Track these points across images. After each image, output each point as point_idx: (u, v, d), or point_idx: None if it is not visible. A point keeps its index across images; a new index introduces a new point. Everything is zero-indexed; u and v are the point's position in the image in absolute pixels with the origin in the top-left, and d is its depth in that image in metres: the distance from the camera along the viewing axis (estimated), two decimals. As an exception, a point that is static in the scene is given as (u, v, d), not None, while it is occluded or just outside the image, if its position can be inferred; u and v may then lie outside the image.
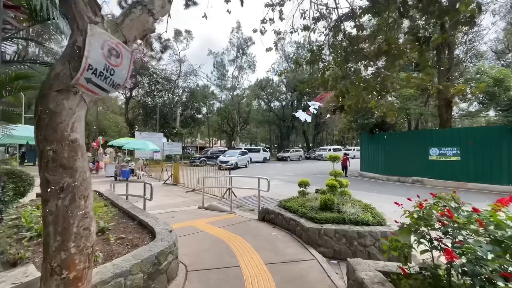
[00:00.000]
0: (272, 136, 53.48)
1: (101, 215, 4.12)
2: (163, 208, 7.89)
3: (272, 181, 14.59)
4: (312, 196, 5.72)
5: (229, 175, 8.04)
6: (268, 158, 32.10)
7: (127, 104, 28.77)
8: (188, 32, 29.56)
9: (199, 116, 37.20)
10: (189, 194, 10.28)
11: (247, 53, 36.43)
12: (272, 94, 41.62)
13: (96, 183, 13.02)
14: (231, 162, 20.91)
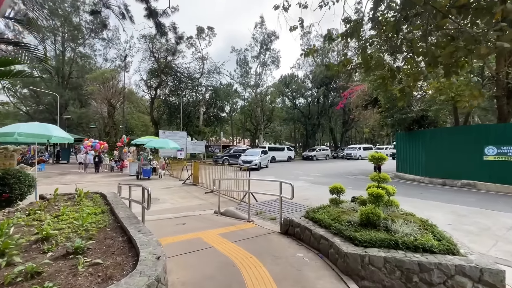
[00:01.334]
0: (297, 134, 51.90)
1: (89, 227, 3.42)
2: (178, 212, 7.23)
3: (297, 182, 13.52)
4: (347, 206, 4.60)
5: (248, 177, 7.14)
6: (292, 157, 30.87)
7: (152, 103, 29.28)
8: (210, 28, 29.30)
9: (222, 115, 36.96)
10: (207, 195, 9.59)
11: (271, 48, 35.37)
12: (297, 91, 40.13)
13: (117, 182, 12.93)
14: (255, 162, 19.40)
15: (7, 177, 4.43)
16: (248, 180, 6.12)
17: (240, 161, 19.81)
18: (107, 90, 22.51)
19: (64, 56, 31.97)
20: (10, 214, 4.06)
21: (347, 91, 20.24)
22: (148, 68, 27.86)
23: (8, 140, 7.81)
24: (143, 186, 3.98)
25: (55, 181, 12.96)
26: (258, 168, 19.02)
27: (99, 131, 24.60)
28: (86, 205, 4.62)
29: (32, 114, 32.64)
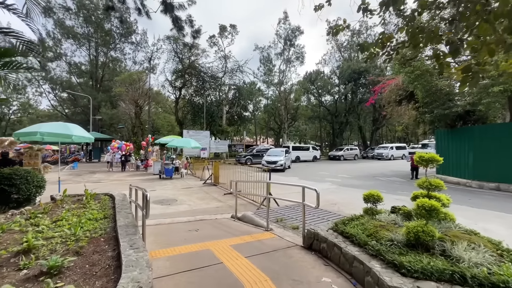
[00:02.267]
0: (323, 133, 50.06)
1: (82, 236, 3.02)
2: (194, 215, 6.81)
3: (323, 184, 12.55)
4: (386, 218, 3.76)
5: (268, 180, 6.49)
6: (318, 157, 29.59)
7: (177, 103, 29.85)
8: (233, 26, 29.05)
9: (245, 114, 36.65)
10: (226, 197, 9.11)
11: (295, 44, 34.23)
12: (323, 88, 38.53)
13: (139, 181, 13.05)
14: (280, 162, 17.87)
15: (14, 177, 4.25)
16: (267, 183, 5.45)
17: (263, 162, 18.43)
18: (134, 92, 23.27)
19: (98, 60, 33.87)
20: (13, 217, 3.84)
21: (378, 85, 18.65)
22: (173, 69, 28.52)
23: (35, 139, 8.00)
24: (143, 191, 3.51)
25: (83, 180, 13.39)
26: (283, 169, 17.80)
27: (128, 131, 25.61)
28: (91, 209, 4.31)
29: (70, 116, 35.06)
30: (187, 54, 27.20)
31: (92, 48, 32.97)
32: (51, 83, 32.18)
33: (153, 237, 4.74)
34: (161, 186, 11.60)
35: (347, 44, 39.67)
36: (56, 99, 33.73)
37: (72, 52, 32.86)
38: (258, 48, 35.76)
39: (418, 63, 12.76)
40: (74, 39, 31.61)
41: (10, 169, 4.41)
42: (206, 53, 28.30)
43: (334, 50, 41.21)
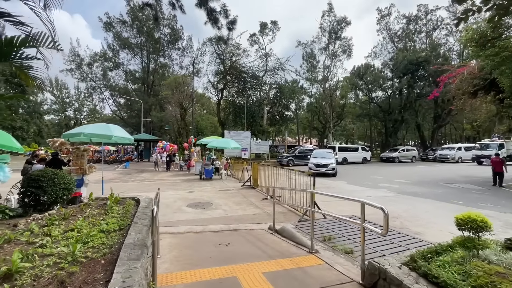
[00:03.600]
0: (373, 132, 45.86)
1: (80, 256, 2.48)
2: (227, 222, 6.15)
3: (378, 191, 10.80)
4: (501, 258, 2.43)
5: (312, 185, 5.44)
6: (368, 158, 26.88)
7: (219, 104, 30.29)
8: (274, 23, 28.24)
9: (287, 113, 35.43)
10: (265, 203, 8.28)
11: (341, 37, 31.71)
12: (374, 82, 35.06)
13: (180, 181, 13.09)
14: (332, 165, 15.27)
15: (41, 179, 4.05)
16: (311, 193, 4.40)
17: (311, 165, 15.85)
18: (179, 95, 24.22)
19: (149, 67, 36.56)
20: (33, 222, 3.59)
21: (445, 74, 15.70)
22: (215, 71, 29.04)
23: (79, 140, 8.34)
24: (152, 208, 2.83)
25: (131, 179, 14.05)
26: (334, 174, 15.30)
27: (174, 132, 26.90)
28: (111, 216, 3.89)
29: (126, 119, 38.58)
30: (228, 55, 27.37)
31: (144, 56, 35.79)
32: (111, 90, 35.88)
33: (177, 251, 4.15)
34: (199, 187, 11.36)
35: (402, 33, 35.44)
36: (115, 104, 37.57)
37: (127, 61, 36.21)
38: (301, 44, 34.24)
39: (506, 42, 10.10)
40: (129, 49, 34.71)
41: (39, 171, 4.27)
42: (247, 53, 28.18)
43: (386, 41, 37.28)
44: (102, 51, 34.57)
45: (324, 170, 15.14)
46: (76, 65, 32.95)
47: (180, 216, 6.67)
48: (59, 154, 7.52)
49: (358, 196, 9.49)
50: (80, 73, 33.61)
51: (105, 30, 33.88)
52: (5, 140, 6.80)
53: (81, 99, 45.82)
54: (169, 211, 7.13)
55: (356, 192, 10.31)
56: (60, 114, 45.89)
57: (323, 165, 15.43)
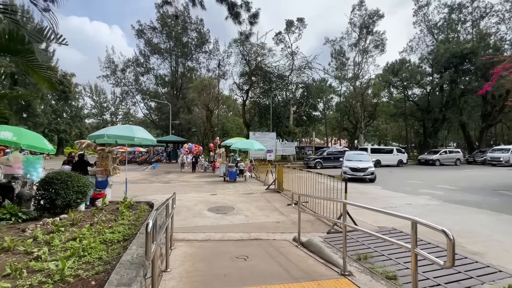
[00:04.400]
0: (409, 133, 42.54)
1: (66, 275, 2.14)
2: (248, 231, 5.67)
3: (418, 198, 9.51)
4: None
5: (342, 196, 4.73)
6: (404, 161, 24.79)
7: (244, 105, 30.13)
8: (300, 20, 27.27)
9: (315, 113, 34.12)
10: (289, 209, 7.66)
11: (373, 31, 29.68)
12: (410, 79, 32.36)
13: (204, 183, 12.92)
14: (371, 169, 13.49)
15: (55, 182, 3.91)
16: (344, 204, 3.69)
17: (346, 168, 14.00)
18: (205, 97, 24.48)
19: (177, 71, 37.72)
20: (43, 227, 3.42)
21: (500, 66, 13.68)
22: (240, 72, 28.95)
23: (103, 141, 8.45)
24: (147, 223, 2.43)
25: (157, 179, 14.26)
26: (373, 179, 13.56)
27: (200, 134, 27.33)
28: (120, 222, 3.61)
29: (157, 121, 40.18)
30: (253, 56, 27.10)
31: (173, 61, 37.04)
32: (142, 94, 37.68)
33: (190, 264, 3.74)
34: (223, 189, 11.07)
35: (443, 24, 32.32)
36: (146, 107, 39.36)
37: (157, 66, 37.76)
38: (329, 41, 32.75)
39: None
40: (159, 54, 36.15)
41: (54, 173, 4.16)
42: (273, 52, 27.61)
43: (423, 34, 34.24)
44: (134, 57, 36.50)
45: (362, 175, 13.55)
46: (111, 71, 35.17)
47: (199, 221, 6.34)
48: (85, 156, 7.63)
49: (396, 204, 8.50)
50: (114, 78, 35.80)
51: (137, 37, 35.71)
52: (38, 142, 7.03)
53: (116, 103, 48.90)
54: (189, 215, 6.85)
55: (393, 199, 9.24)
56: (99, 117, 49.36)
57: (360, 169, 13.64)
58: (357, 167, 13.80)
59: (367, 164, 13.89)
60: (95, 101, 47.96)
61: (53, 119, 34.94)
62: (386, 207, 8.12)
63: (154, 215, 2.21)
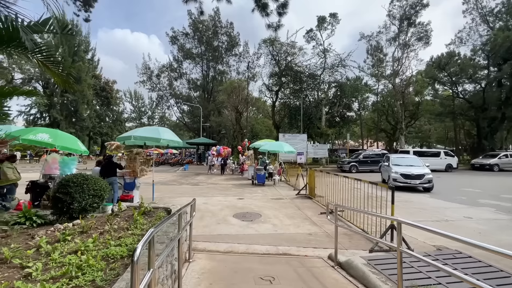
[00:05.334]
0: (459, 134, 38.11)
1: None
2: (276, 243, 5.04)
3: (480, 211, 7.96)
4: None
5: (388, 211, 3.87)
6: (454, 165, 22.00)
7: (274, 107, 29.46)
8: (333, 15, 25.83)
9: (349, 114, 32.17)
10: (323, 218, 6.84)
11: (416, 22, 26.94)
12: (461, 73, 28.87)
13: (232, 186, 12.51)
14: (428, 176, 11.32)
15: (70, 185, 3.71)
16: (398, 222, 2.83)
17: (395, 175, 11.73)
18: (234, 99, 24.42)
19: (208, 75, 38.55)
20: (52, 234, 3.18)
21: None
22: (269, 72, 28.38)
23: (130, 143, 8.47)
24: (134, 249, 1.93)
25: (186, 181, 14.28)
26: (431, 188, 11.39)
27: (230, 136, 27.38)
28: (131, 232, 3.24)
29: (189, 124, 41.42)
30: (283, 55, 26.35)
31: (204, 65, 37.99)
32: (175, 98, 39.16)
33: (207, 284, 3.23)
34: (250, 194, 10.56)
35: (501, 9, 28.34)
36: (179, 111, 40.88)
37: (190, 70, 39.01)
38: (364, 37, 30.66)
39: None
40: (191, 59, 37.31)
41: (71, 175, 3.98)
42: (303, 51, 26.56)
43: (476, 23, 30.36)
44: (168, 63, 38.16)
45: (418, 183, 11.37)
46: (147, 77, 37.16)
47: (223, 229, 5.86)
48: (113, 157, 7.67)
49: (452, 217, 7.16)
50: (150, 83, 37.76)
51: (171, 43, 37.31)
52: (71, 143, 7.17)
53: (153, 107, 51.68)
54: (213, 222, 6.43)
55: (447, 211, 7.87)
56: (137, 121, 52.60)
57: (415, 175, 11.43)
58: (410, 173, 11.57)
59: (423, 170, 11.69)
60: (134, 106, 51.27)
61: (97, 123, 38.01)
62: (441, 220, 6.88)
63: (149, 235, 1.72)
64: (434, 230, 2.23)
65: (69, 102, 32.54)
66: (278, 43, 25.58)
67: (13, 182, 6.99)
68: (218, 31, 36.20)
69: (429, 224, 6.04)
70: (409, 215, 7.06)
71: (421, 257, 2.41)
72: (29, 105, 31.93)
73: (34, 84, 31.87)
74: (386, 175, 12.94)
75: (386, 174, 12.94)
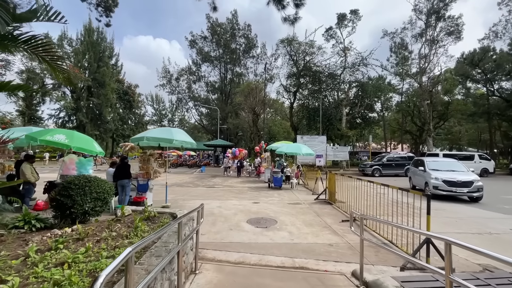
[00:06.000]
0: (494, 135, 35.12)
1: None
2: (292, 254, 4.56)
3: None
4: None
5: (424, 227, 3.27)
6: (491, 170, 20.12)
7: (291, 108, 28.77)
8: (353, 12, 24.72)
9: (371, 115, 30.71)
10: (344, 226, 6.25)
11: (446, 16, 25.08)
12: (497, 70, 26.55)
13: (247, 189, 12.11)
14: (478, 184, 9.65)
15: (71, 187, 3.49)
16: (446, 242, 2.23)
17: (437, 181, 10.00)
18: (251, 100, 24.14)
19: (226, 77, 38.73)
20: (42, 241, 2.95)
21: None
22: (287, 73, 27.73)
23: (143, 144, 8.36)
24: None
25: (202, 183, 14.12)
26: (480, 198, 9.71)
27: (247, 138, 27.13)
28: (129, 241, 2.94)
29: (207, 126, 41.80)
30: (301, 55, 25.67)
31: (222, 68, 38.24)
32: (194, 101, 39.71)
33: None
34: (266, 197, 10.11)
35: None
36: (197, 113, 41.42)
37: (208, 73, 39.45)
38: (388, 34, 29.14)
39: None
40: (209, 62, 37.71)
41: (72, 178, 3.79)
42: (322, 50, 25.66)
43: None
44: (187, 66, 38.84)
45: (465, 192, 9.60)
46: (167, 80, 38.00)
47: (236, 236, 5.47)
48: (127, 158, 7.57)
49: (497, 229, 6.24)
50: (170, 87, 38.59)
51: (190, 47, 37.95)
52: (87, 144, 7.16)
53: (173, 110, 52.89)
54: (225, 227, 6.06)
55: (489, 222, 6.94)
56: (158, 124, 54.05)
57: (462, 183, 9.65)
58: (455, 180, 9.76)
59: (470, 176, 9.91)
60: (155, 109, 52.78)
61: (119, 125, 39.50)
62: (483, 233, 6.01)
63: (124, 257, 1.36)
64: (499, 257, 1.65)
65: (94, 106, 34.07)
66: (296, 43, 24.97)
67: (31, 181, 7.10)
68: (235, 34, 36.29)
69: (470, 237, 5.28)
70: (443, 226, 6.27)
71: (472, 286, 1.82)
72: (58, 108, 33.86)
73: (63, 89, 33.74)
74: (419, 181, 11.50)
75: (420, 180, 11.37)
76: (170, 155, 25.49)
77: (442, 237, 2.09)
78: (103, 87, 33.30)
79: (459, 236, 5.60)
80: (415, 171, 12.23)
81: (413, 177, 12.69)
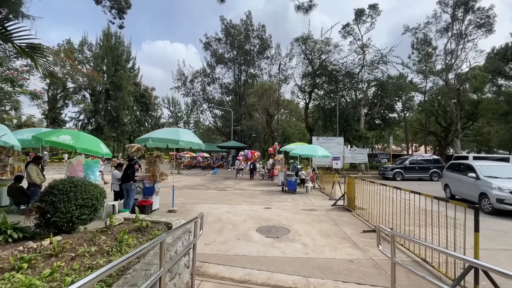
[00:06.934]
0: (531, 137, 32.30)
1: None
2: (306, 272, 3.95)
3: None
4: None
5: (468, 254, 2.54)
6: (529, 174, 18.05)
7: (307, 109, 27.86)
8: (372, 7, 23.48)
9: (391, 115, 29.12)
10: (366, 238, 5.53)
11: (475, 7, 23.17)
12: (533, 64, 24.28)
13: (259, 193, 11.48)
14: None
15: (55, 193, 3.08)
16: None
17: (503, 193, 7.65)
18: (265, 101, 23.59)
19: (240, 79, 38.50)
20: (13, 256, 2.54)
21: None
22: (302, 73, 26.87)
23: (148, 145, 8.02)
24: None
25: (213, 186, 13.73)
26: None
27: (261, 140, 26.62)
28: (108, 259, 2.46)
29: (221, 128, 41.73)
30: (317, 54, 24.76)
31: (236, 69, 38.11)
32: (208, 102, 39.81)
33: None
34: (279, 202, 9.49)
35: None
36: (211, 115, 41.48)
37: (222, 75, 39.43)
38: (409, 30, 27.54)
39: None
40: (223, 64, 37.69)
41: (56, 181, 3.39)
42: (339, 48, 24.56)
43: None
44: (201, 68, 39.05)
45: None
46: (182, 83, 38.36)
47: (242, 248, 4.91)
48: (134, 160, 7.26)
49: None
50: (184, 89, 38.92)
51: (204, 49, 38.15)
52: (93, 145, 6.91)
53: (188, 112, 53.45)
54: (232, 236, 5.52)
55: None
56: (174, 126, 54.84)
57: None
58: None
59: None
60: (171, 112, 53.61)
61: (136, 127, 40.30)
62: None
63: None
64: None
65: (112, 108, 34.98)
66: (311, 41, 24.11)
67: (37, 183, 6.95)
68: (249, 35, 36.03)
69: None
70: (484, 241, 5.35)
71: None
72: (78, 111, 35.10)
73: (83, 92, 34.96)
74: (468, 191, 9.24)
75: (469, 190, 9.18)
76: (184, 157, 25.41)
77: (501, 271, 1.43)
78: (120, 90, 34.08)
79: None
80: (458, 177, 10.09)
81: (452, 184, 10.47)
